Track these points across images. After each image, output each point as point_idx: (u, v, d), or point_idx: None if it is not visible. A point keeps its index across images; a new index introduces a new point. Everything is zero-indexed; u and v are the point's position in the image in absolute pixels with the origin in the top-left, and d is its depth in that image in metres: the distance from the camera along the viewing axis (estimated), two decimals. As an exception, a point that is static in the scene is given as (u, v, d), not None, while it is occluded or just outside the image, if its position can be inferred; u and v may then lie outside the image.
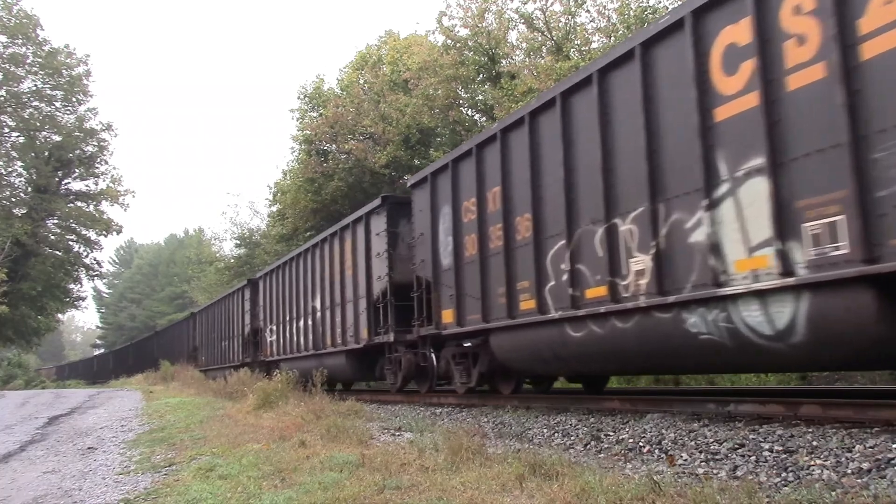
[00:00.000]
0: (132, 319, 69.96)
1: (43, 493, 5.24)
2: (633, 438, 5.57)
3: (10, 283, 31.70)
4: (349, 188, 22.83)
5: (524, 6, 18.00)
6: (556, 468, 4.17)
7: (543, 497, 3.65)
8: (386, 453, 5.20)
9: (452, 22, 19.23)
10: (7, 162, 36.63)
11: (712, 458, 4.65)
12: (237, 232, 34.85)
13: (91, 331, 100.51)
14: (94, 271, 42.57)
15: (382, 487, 4.10)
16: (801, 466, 4.07)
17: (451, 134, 20.50)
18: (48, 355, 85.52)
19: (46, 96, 36.24)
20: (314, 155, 23.51)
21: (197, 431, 8.19)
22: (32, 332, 39.51)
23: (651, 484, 3.51)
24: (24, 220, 34.94)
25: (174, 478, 5.26)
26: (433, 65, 19.34)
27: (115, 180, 39.17)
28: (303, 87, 26.90)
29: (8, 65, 34.70)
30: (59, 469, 6.39)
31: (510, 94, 16.69)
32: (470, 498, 3.75)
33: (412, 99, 20.43)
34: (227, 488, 4.53)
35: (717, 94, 5.43)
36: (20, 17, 34.55)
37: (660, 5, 15.13)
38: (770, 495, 3.53)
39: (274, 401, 9.79)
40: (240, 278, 27.47)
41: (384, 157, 20.96)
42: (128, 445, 7.76)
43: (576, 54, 16.56)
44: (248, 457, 5.66)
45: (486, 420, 7.80)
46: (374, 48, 25.92)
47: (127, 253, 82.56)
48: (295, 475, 4.75)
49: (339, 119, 22.58)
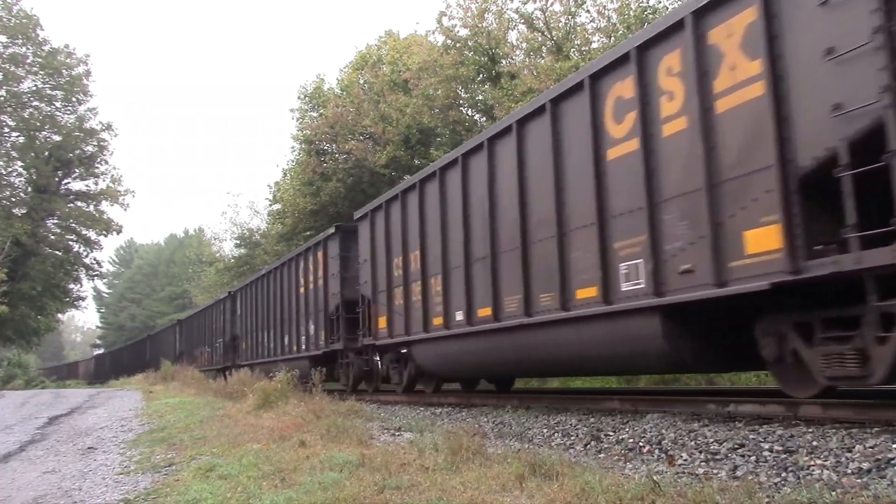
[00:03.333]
0: (132, 319, 69.96)
1: (43, 493, 5.23)
2: (633, 438, 5.57)
3: (10, 283, 31.72)
4: (349, 189, 22.85)
5: (524, 6, 18.03)
6: (556, 468, 4.17)
7: (543, 497, 3.64)
8: (386, 453, 5.20)
9: (452, 22, 19.27)
10: (7, 162, 36.69)
11: (712, 458, 4.65)
12: (237, 232, 34.87)
13: (91, 331, 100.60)
14: (94, 271, 42.67)
15: (382, 487, 4.09)
16: (801, 466, 4.07)
17: (451, 134, 20.51)
18: (48, 355, 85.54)
19: (46, 96, 36.27)
20: (314, 155, 23.52)
21: (197, 431, 8.19)
22: (32, 332, 39.54)
23: (651, 484, 3.51)
24: (24, 220, 34.95)
25: (174, 478, 5.25)
26: (433, 65, 19.35)
27: (115, 180, 39.25)
28: (303, 87, 26.97)
29: (8, 65, 34.73)
30: (58, 469, 6.39)
31: (510, 94, 16.70)
32: (470, 498, 3.75)
33: (412, 99, 20.43)
34: (227, 488, 4.53)
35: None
36: (20, 17, 34.59)
37: (660, 5, 15.14)
38: (770, 495, 3.53)
39: (274, 401, 9.79)
40: (240, 278, 27.55)
41: (384, 157, 20.97)
42: (128, 445, 7.76)
43: (576, 54, 16.57)
44: (248, 457, 5.66)
45: (486, 420, 7.80)
46: (374, 48, 25.93)
47: (127, 253, 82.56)
48: (295, 475, 4.74)
49: (339, 119, 22.59)
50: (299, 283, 15.53)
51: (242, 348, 20.76)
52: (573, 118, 6.99)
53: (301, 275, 15.43)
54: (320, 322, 13.99)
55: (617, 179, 6.39)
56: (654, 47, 6.01)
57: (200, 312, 27.10)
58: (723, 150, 5.31)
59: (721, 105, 5.34)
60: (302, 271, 15.38)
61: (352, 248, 13.04)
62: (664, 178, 5.87)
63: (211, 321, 24.88)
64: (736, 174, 5.20)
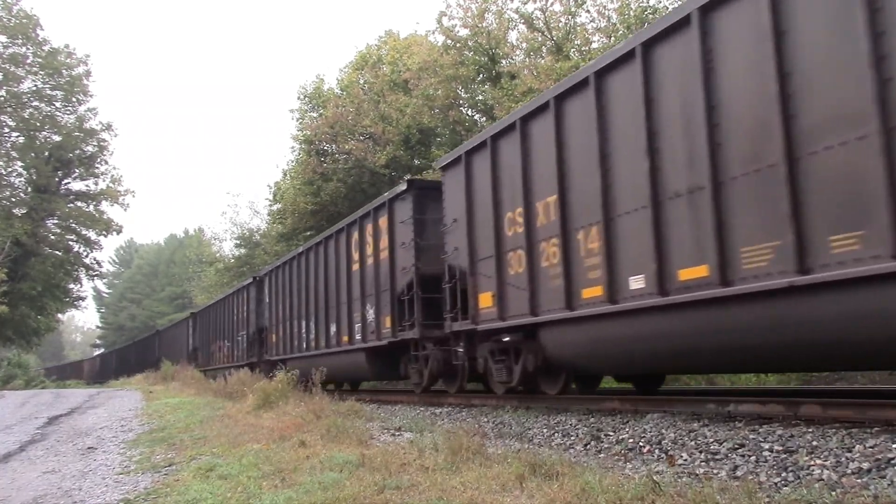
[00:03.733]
0: (132, 319, 69.95)
1: (43, 492, 5.23)
2: (633, 438, 5.57)
3: (10, 283, 31.70)
4: (349, 189, 22.84)
5: (524, 6, 18.02)
6: (556, 468, 4.17)
7: (543, 497, 3.64)
8: (386, 453, 5.20)
9: (452, 22, 19.26)
10: (7, 162, 36.64)
11: (712, 458, 4.65)
12: (237, 232, 34.88)
13: (91, 331, 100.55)
14: (94, 271, 42.61)
15: (382, 487, 4.09)
16: (801, 466, 4.07)
17: (451, 134, 20.50)
18: (48, 355, 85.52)
19: (46, 96, 36.23)
20: (314, 155, 23.52)
21: (197, 431, 8.19)
22: (32, 332, 39.51)
23: (651, 484, 3.51)
24: (24, 220, 34.92)
25: (174, 478, 5.25)
26: (433, 65, 19.34)
27: (115, 180, 39.22)
28: (303, 88, 26.94)
29: (8, 65, 34.69)
30: (58, 469, 6.38)
31: (510, 95, 16.68)
32: (470, 498, 3.75)
33: (412, 99, 20.42)
34: (227, 488, 4.53)
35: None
36: (20, 17, 34.55)
37: (660, 5, 15.13)
38: (770, 495, 3.53)
39: (274, 401, 9.79)
40: (240, 278, 27.46)
41: (384, 158, 20.95)
42: (128, 445, 7.76)
43: (576, 54, 16.56)
44: (248, 457, 5.66)
45: (486, 420, 7.80)
46: (374, 48, 25.92)
47: (127, 253, 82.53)
48: (295, 475, 4.74)
49: (339, 119, 22.57)
50: (352, 258, 12.74)
51: (272, 341, 17.87)
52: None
53: (354, 248, 12.61)
54: (384, 305, 11.30)
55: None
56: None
57: (219, 302, 24.04)
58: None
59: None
60: (356, 244, 12.55)
61: (429, 208, 10.37)
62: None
63: (231, 312, 21.90)
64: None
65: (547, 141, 7.53)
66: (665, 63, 6.06)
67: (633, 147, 6.31)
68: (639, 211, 6.24)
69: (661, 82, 6.10)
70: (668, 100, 6.01)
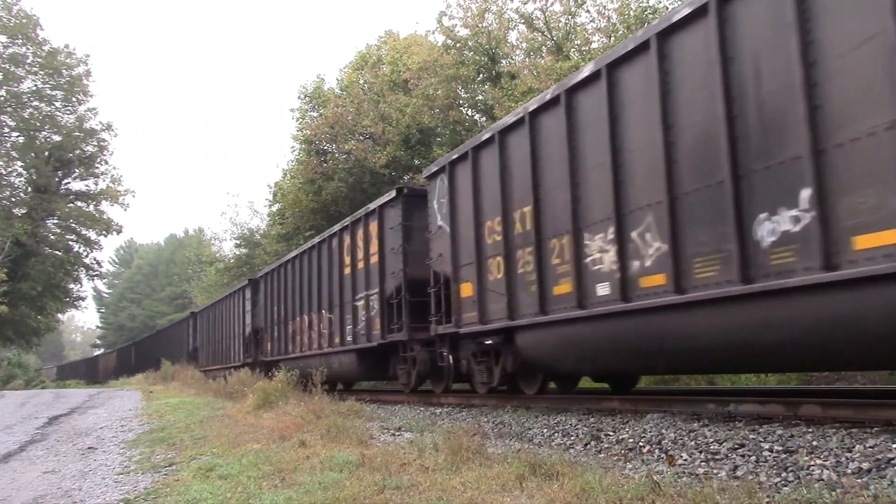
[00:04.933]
0: (132, 319, 69.96)
1: (43, 492, 5.24)
2: (633, 438, 5.56)
3: (10, 283, 31.70)
4: (349, 189, 22.84)
5: (524, 6, 18.04)
6: (556, 468, 4.17)
7: (543, 497, 3.64)
8: (386, 453, 5.20)
9: (452, 22, 19.27)
10: (7, 162, 36.64)
11: (712, 458, 4.65)
12: (237, 232, 34.88)
13: (91, 331, 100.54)
14: (94, 271, 42.59)
15: (382, 487, 4.09)
16: (801, 466, 4.07)
17: (451, 134, 20.50)
18: (48, 355, 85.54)
19: (46, 96, 36.24)
20: (314, 155, 23.52)
21: (197, 431, 8.19)
22: (32, 332, 39.52)
23: (651, 484, 3.51)
24: (24, 220, 34.93)
25: (174, 478, 5.26)
26: (433, 65, 19.33)
27: (115, 180, 39.22)
28: (303, 87, 26.95)
29: (8, 65, 34.70)
30: (58, 469, 6.39)
31: (510, 94, 16.69)
32: (470, 498, 3.75)
33: (412, 99, 20.42)
34: (227, 488, 4.53)
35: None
36: (20, 17, 34.56)
37: (660, 5, 15.14)
38: (770, 495, 3.53)
39: (274, 401, 9.79)
40: (240, 279, 27.47)
41: (384, 158, 20.95)
42: (128, 445, 7.76)
43: (576, 54, 16.57)
44: (248, 457, 5.66)
45: (486, 420, 7.80)
46: (374, 48, 25.93)
47: (127, 253, 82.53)
48: (295, 475, 4.75)
49: (339, 119, 22.57)
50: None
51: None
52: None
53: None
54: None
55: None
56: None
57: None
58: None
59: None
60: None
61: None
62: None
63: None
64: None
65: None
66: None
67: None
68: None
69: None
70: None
